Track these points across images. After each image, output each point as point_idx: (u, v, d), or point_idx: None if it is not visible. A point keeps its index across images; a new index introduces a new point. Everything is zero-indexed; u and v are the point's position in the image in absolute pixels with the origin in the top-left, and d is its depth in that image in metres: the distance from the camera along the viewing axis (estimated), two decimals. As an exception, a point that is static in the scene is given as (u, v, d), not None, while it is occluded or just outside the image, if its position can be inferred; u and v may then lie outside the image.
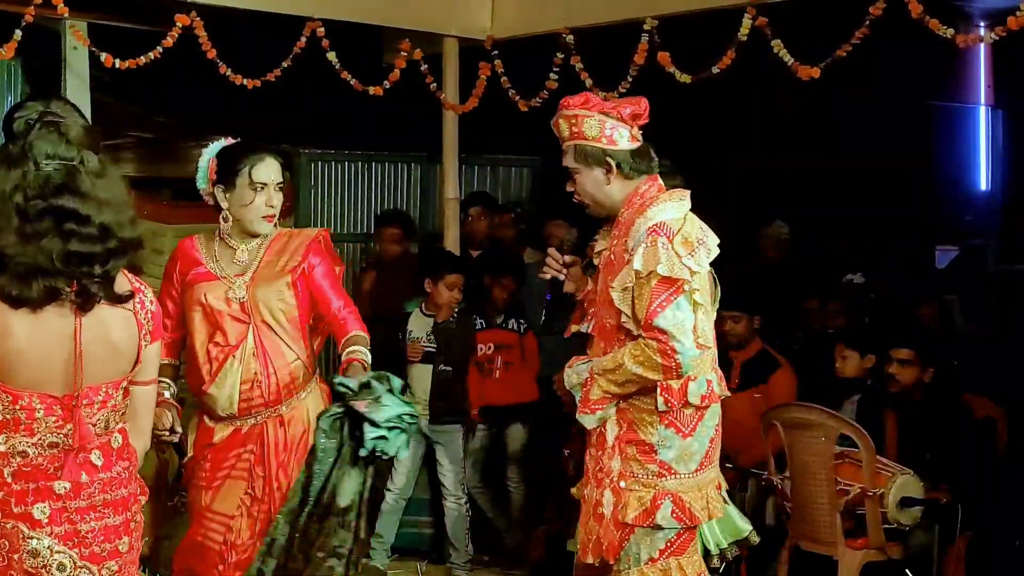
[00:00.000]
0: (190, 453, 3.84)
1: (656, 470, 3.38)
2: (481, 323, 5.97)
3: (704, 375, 3.41)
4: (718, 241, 3.44)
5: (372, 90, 5.77)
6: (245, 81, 5.45)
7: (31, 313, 2.44)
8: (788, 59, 4.77)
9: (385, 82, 5.79)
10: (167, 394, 3.61)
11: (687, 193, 3.46)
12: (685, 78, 5.07)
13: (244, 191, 3.69)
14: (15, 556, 2.48)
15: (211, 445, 3.74)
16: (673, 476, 3.40)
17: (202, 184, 3.82)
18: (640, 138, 3.50)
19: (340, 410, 3.30)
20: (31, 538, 2.49)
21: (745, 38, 4.81)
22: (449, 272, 5.64)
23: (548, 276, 3.73)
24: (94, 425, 2.55)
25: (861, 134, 8.14)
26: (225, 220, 3.78)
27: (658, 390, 3.34)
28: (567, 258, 3.75)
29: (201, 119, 7.40)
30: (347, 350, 3.64)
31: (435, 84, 6.07)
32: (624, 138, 3.46)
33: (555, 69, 5.64)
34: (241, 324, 3.69)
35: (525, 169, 7.85)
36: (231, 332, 3.69)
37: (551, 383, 3.81)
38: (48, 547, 2.50)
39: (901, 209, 8.25)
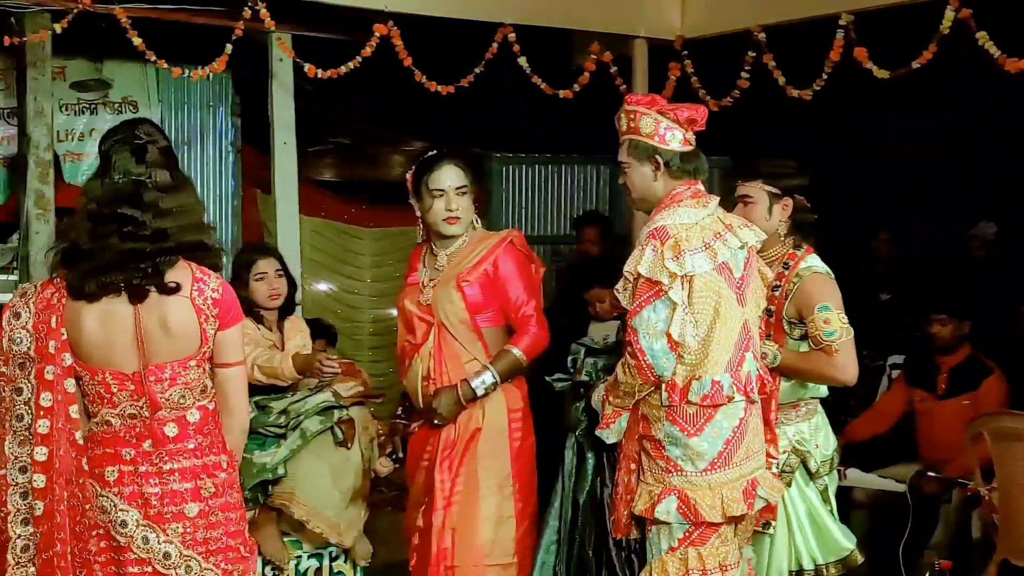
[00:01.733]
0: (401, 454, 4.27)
1: (664, 466, 3.46)
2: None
3: (711, 376, 3.41)
4: (748, 238, 3.53)
5: (562, 93, 5.82)
6: (439, 88, 5.59)
7: (96, 303, 2.87)
8: (995, 52, 4.55)
9: (575, 85, 5.82)
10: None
11: (713, 200, 3.57)
12: (883, 74, 4.90)
13: (426, 199, 4.00)
14: (87, 507, 2.91)
15: (411, 434, 4.14)
16: (679, 473, 3.44)
17: (410, 198, 4.13)
18: (693, 142, 3.60)
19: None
20: (101, 496, 2.90)
21: (947, 31, 4.61)
22: (593, 286, 5.61)
23: None
24: (166, 400, 2.93)
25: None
26: (421, 228, 4.14)
27: (663, 386, 3.42)
28: None
29: (398, 125, 7.62)
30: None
31: (624, 86, 6.06)
32: (676, 140, 3.56)
33: (746, 68, 5.55)
34: (425, 324, 4.02)
35: (714, 169, 7.75)
36: (418, 332, 4.04)
37: None
38: (114, 505, 2.90)
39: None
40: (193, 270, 2.96)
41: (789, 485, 3.73)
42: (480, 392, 3.91)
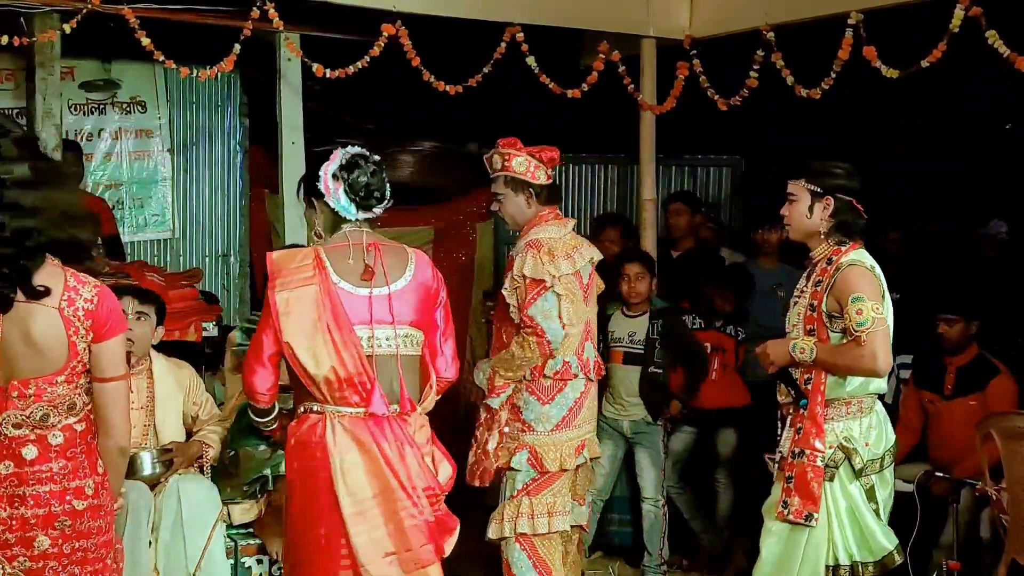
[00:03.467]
0: None
1: (520, 427, 4.56)
2: (700, 323, 6.00)
3: (563, 356, 4.54)
4: (593, 255, 4.69)
5: (570, 93, 5.81)
6: (448, 87, 5.59)
7: None
8: (1004, 50, 4.52)
9: (583, 84, 5.81)
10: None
11: (571, 222, 4.72)
12: (892, 73, 4.88)
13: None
14: None
15: None
16: (531, 432, 4.56)
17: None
18: (552, 177, 4.66)
19: None
20: None
21: (957, 30, 4.59)
22: (625, 262, 5.66)
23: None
24: (27, 418, 2.73)
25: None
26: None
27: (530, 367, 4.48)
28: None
29: (406, 126, 7.62)
30: None
31: (633, 85, 6.06)
32: (541, 175, 4.60)
33: (755, 67, 5.54)
34: None
35: (725, 169, 7.76)
36: None
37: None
38: None
39: None
40: (67, 277, 2.77)
41: (832, 480, 3.75)
42: None
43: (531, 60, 5.66)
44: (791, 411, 3.88)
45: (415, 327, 3.45)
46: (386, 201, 3.49)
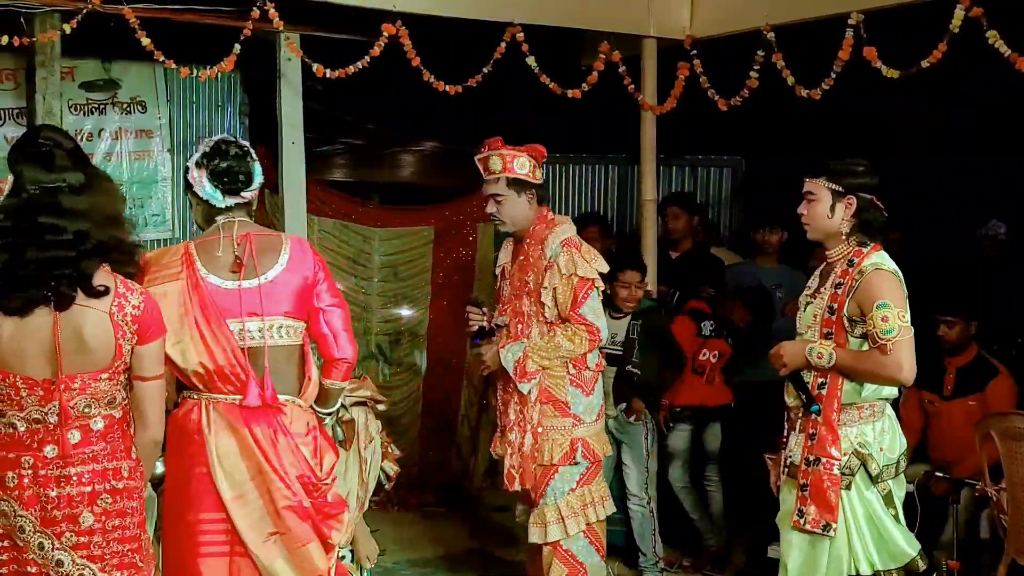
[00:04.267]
0: None
1: (572, 422, 4.57)
2: (712, 331, 6.04)
3: (595, 349, 4.66)
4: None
5: (571, 93, 5.81)
6: (448, 87, 5.59)
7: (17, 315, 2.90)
8: (1005, 50, 4.52)
9: (584, 84, 5.81)
10: None
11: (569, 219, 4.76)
12: (892, 73, 4.88)
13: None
14: None
15: None
16: (582, 425, 4.60)
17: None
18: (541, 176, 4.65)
19: None
20: (2, 501, 2.96)
21: (957, 30, 4.59)
22: (625, 269, 5.65)
23: (475, 327, 4.77)
24: (72, 407, 2.97)
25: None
26: None
27: (569, 361, 4.55)
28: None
29: (407, 125, 7.62)
30: None
31: (633, 85, 6.06)
32: (538, 174, 4.61)
33: (755, 67, 5.54)
34: None
35: (725, 169, 7.76)
36: None
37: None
38: (13, 510, 2.95)
39: None
40: (117, 283, 3.00)
41: (849, 488, 3.67)
42: None
43: (531, 60, 5.66)
44: (800, 415, 3.79)
45: (290, 317, 3.45)
46: (253, 184, 3.48)
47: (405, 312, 7.37)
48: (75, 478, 2.97)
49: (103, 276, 2.98)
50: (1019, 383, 5.38)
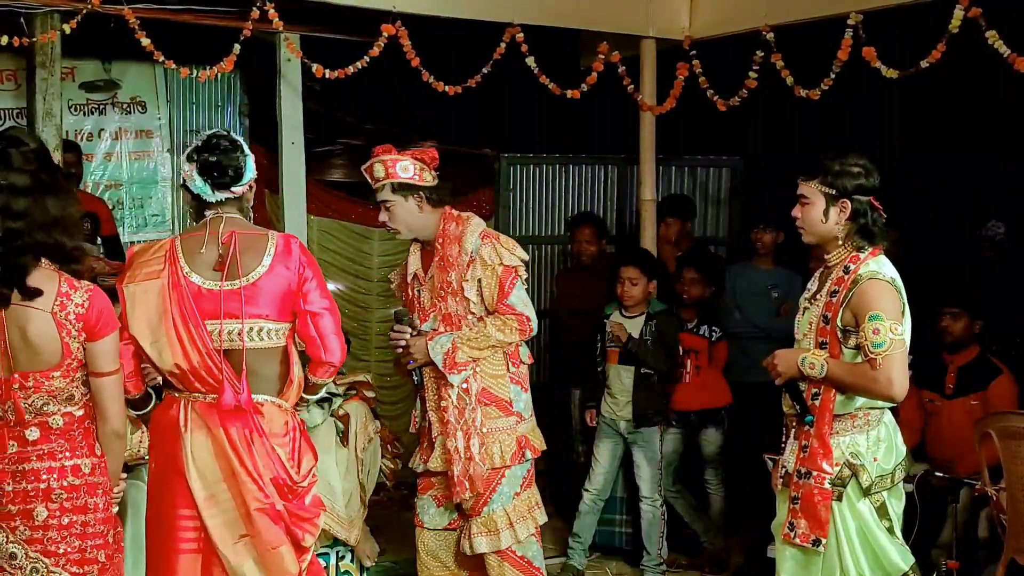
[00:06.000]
0: None
1: (516, 420, 4.41)
2: (692, 327, 6.02)
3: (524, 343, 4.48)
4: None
5: (570, 93, 5.81)
6: (447, 88, 5.59)
7: None
8: (1004, 51, 4.53)
9: (583, 85, 5.82)
10: None
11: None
12: (892, 73, 4.89)
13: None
14: None
15: None
16: (523, 422, 4.45)
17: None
18: (437, 178, 4.42)
19: None
20: None
21: (957, 30, 4.59)
22: (621, 265, 5.67)
23: (401, 345, 4.42)
24: (29, 405, 3.02)
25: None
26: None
27: (507, 358, 4.39)
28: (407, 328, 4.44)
29: (406, 126, 7.62)
30: None
31: (632, 86, 6.06)
32: (428, 176, 4.39)
33: (754, 67, 5.54)
34: None
35: (724, 169, 7.76)
36: None
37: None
38: None
39: None
40: (60, 282, 3.03)
41: (840, 499, 3.56)
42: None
43: (531, 60, 5.66)
44: (795, 424, 3.70)
45: (272, 320, 3.42)
46: (244, 179, 3.46)
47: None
48: (31, 474, 3.01)
49: (42, 276, 3.02)
50: (1019, 383, 5.38)
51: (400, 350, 4.42)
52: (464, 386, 4.35)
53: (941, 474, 5.14)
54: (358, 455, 4.58)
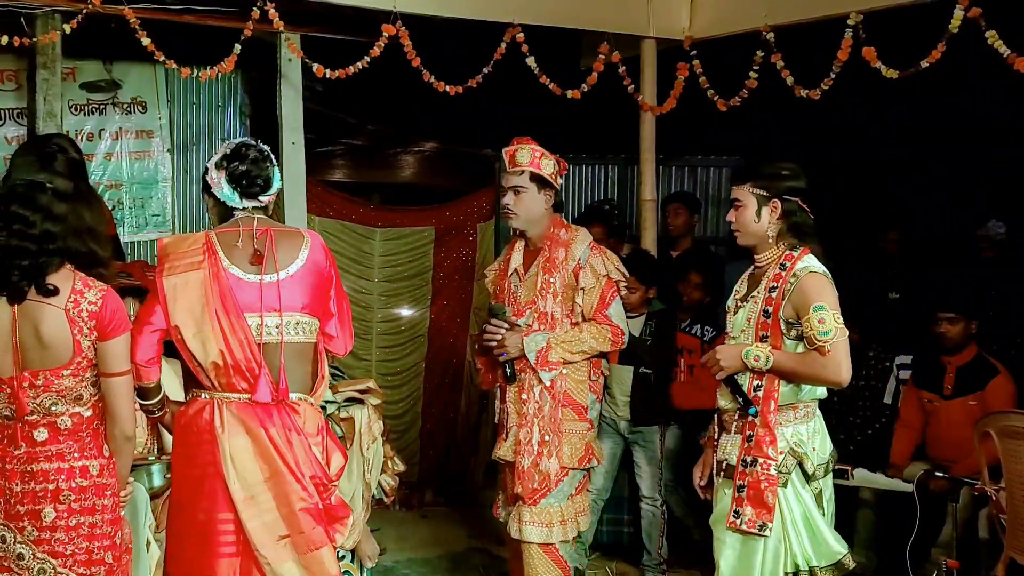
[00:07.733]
0: None
1: (587, 426, 4.60)
2: (685, 327, 6.03)
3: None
4: None
5: (570, 93, 5.82)
6: (448, 88, 5.60)
7: None
8: (1004, 51, 4.54)
9: (583, 85, 5.83)
10: None
11: None
12: (891, 73, 4.90)
13: None
14: None
15: None
16: (593, 429, 4.65)
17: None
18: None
19: None
20: None
21: (957, 30, 4.60)
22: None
23: (496, 338, 4.57)
24: (37, 405, 3.04)
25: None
26: None
27: (591, 366, 4.59)
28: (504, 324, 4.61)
29: (407, 126, 7.63)
30: None
31: (633, 86, 6.07)
32: (558, 182, 4.63)
33: (755, 68, 5.55)
34: None
35: (724, 169, 7.77)
36: None
37: None
38: None
39: None
40: (75, 280, 3.07)
41: (785, 486, 3.69)
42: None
43: (531, 61, 5.67)
44: (736, 417, 3.81)
45: (307, 313, 3.44)
46: (271, 189, 3.48)
47: (405, 312, 7.38)
48: (40, 474, 3.02)
49: (59, 276, 3.05)
50: (1018, 383, 5.38)
51: (494, 343, 4.56)
52: (549, 384, 4.51)
53: (941, 474, 5.15)
54: (363, 454, 4.57)
